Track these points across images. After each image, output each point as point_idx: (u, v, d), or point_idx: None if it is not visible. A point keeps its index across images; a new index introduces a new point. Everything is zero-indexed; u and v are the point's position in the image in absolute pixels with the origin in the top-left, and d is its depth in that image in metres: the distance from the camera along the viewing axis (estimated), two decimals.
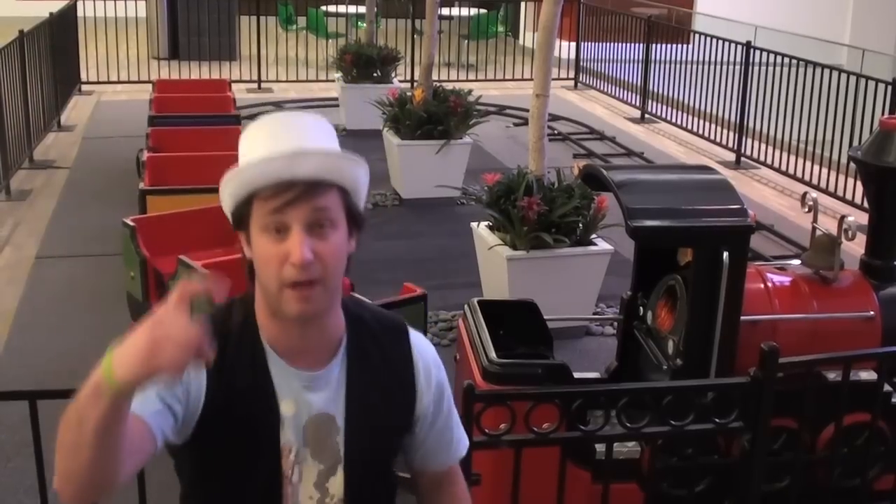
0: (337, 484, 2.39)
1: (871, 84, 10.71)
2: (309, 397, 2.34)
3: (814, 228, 5.64)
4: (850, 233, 5.36)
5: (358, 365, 2.40)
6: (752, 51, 12.83)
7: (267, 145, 2.24)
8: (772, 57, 12.65)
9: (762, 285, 5.43)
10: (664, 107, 15.36)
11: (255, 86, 16.83)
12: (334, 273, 2.25)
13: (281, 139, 2.25)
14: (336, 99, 14.83)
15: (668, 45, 15.33)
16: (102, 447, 1.98)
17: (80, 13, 16.39)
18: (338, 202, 2.25)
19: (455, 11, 19.89)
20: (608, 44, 17.46)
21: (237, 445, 2.33)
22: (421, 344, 2.53)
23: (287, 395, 2.33)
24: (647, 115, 15.61)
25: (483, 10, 20.07)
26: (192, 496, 2.48)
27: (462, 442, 2.63)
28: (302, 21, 19.12)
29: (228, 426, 2.30)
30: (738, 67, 13.04)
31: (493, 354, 4.97)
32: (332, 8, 19.55)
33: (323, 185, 2.22)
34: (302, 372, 2.34)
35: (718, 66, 13.50)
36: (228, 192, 2.29)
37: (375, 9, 15.27)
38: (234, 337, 2.35)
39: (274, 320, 2.31)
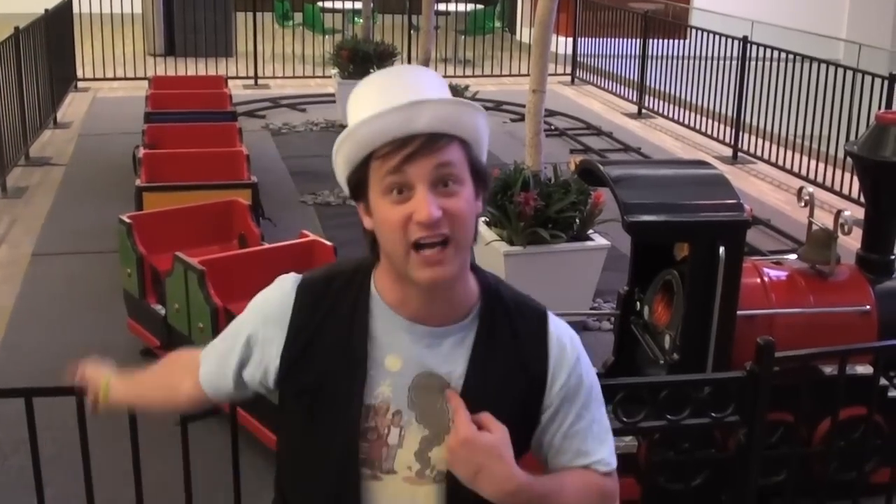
0: (440, 455, 2.20)
1: (868, 79, 10.71)
2: (422, 354, 2.21)
3: (810, 223, 5.64)
4: (846, 227, 5.37)
5: (487, 334, 2.23)
6: (748, 46, 12.82)
7: (379, 100, 2.11)
8: (768, 52, 12.65)
9: (758, 280, 5.43)
10: (661, 102, 15.35)
11: (251, 82, 16.83)
12: (465, 232, 2.11)
13: (393, 93, 2.11)
14: (333, 95, 14.83)
15: (665, 41, 15.32)
16: None
17: (75, 9, 16.39)
18: (461, 156, 2.12)
19: (452, 7, 19.88)
20: (605, 39, 17.45)
21: (317, 398, 2.24)
22: (562, 333, 2.32)
23: (394, 349, 2.21)
24: (643, 111, 15.61)
25: (480, 6, 20.09)
26: (284, 446, 2.45)
27: (595, 454, 2.32)
28: (298, 17, 19.11)
29: (309, 375, 2.24)
30: (734, 62, 13.03)
31: None
32: (328, 4, 19.53)
33: (444, 138, 2.09)
34: (419, 326, 2.21)
35: (715, 62, 13.50)
36: (342, 156, 2.17)
37: (372, 4, 15.27)
38: (337, 287, 2.27)
39: (398, 285, 2.19)
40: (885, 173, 5.53)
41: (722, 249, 4.85)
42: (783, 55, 12.39)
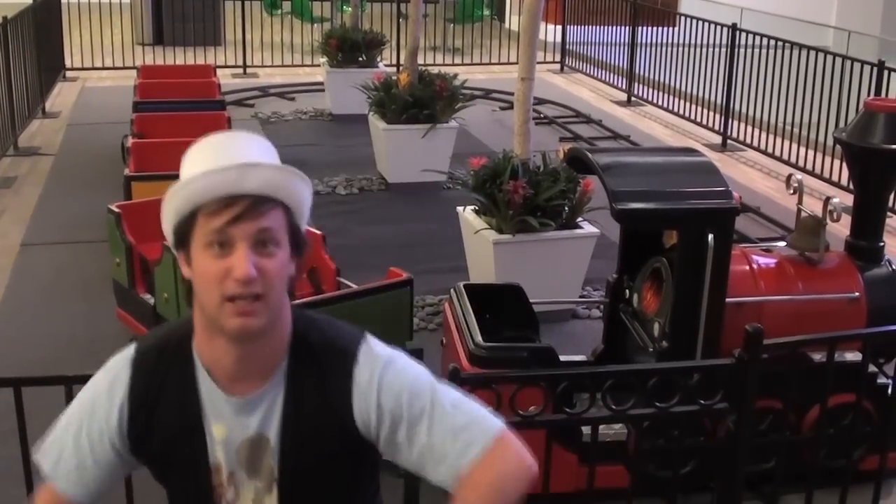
0: (273, 502, 2.39)
1: (857, 66, 10.71)
2: (242, 420, 2.33)
3: (799, 210, 5.66)
4: (835, 214, 5.38)
5: (294, 387, 2.33)
6: (737, 33, 12.82)
7: (211, 160, 2.22)
8: (758, 39, 12.65)
9: (747, 267, 5.44)
10: (650, 90, 15.35)
11: (240, 71, 16.80)
12: (276, 290, 2.22)
13: (225, 154, 2.23)
14: (321, 83, 14.81)
15: (655, 28, 15.31)
16: None
17: None
18: (282, 221, 2.23)
19: None
20: (594, 27, 17.45)
21: (166, 465, 2.40)
22: (367, 357, 2.35)
23: (218, 419, 2.34)
24: (633, 98, 15.61)
25: None
26: None
27: (474, 443, 2.30)
28: (287, 5, 19.09)
29: (155, 442, 2.36)
30: (724, 50, 13.03)
31: (479, 338, 4.97)
32: None
33: (268, 203, 2.20)
34: (234, 398, 2.32)
35: (704, 49, 13.50)
36: (172, 208, 2.25)
37: None
38: (168, 356, 2.37)
39: (213, 342, 2.29)
40: (874, 160, 5.54)
41: (711, 237, 4.86)
42: (772, 42, 12.39)
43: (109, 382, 2.39)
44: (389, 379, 2.33)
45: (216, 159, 2.21)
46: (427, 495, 3.61)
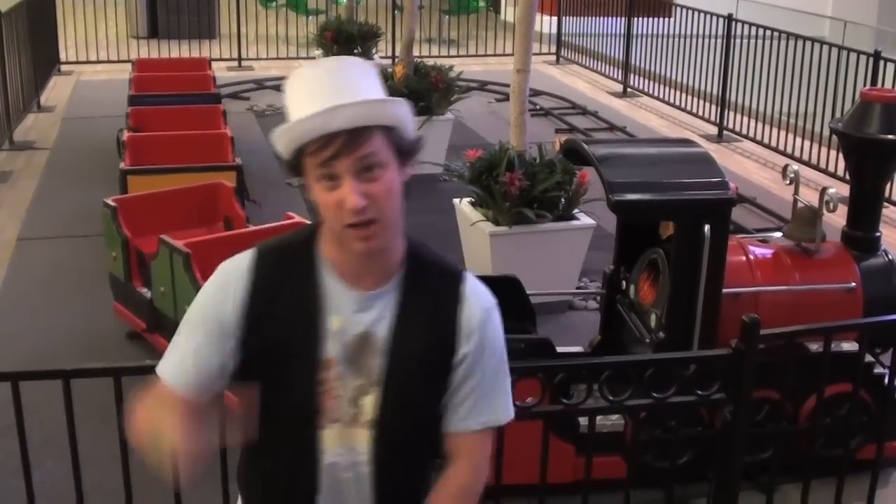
0: (369, 403, 2.46)
1: (853, 56, 10.71)
2: (358, 316, 2.44)
3: (795, 200, 5.66)
4: (831, 204, 5.38)
5: (409, 295, 2.48)
6: (733, 23, 12.81)
7: (307, 100, 2.33)
8: (753, 29, 12.65)
9: (744, 258, 5.45)
10: (646, 81, 15.34)
11: (235, 64, 16.78)
12: (390, 209, 2.36)
13: (319, 93, 2.33)
14: None
15: (650, 19, 15.31)
16: None
17: None
18: (383, 142, 2.34)
19: None
20: (590, 18, 17.43)
21: (276, 355, 2.45)
22: (475, 295, 2.55)
23: (337, 312, 2.44)
24: (629, 90, 15.60)
25: None
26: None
27: (490, 417, 2.57)
28: None
29: (270, 333, 2.44)
30: (719, 40, 13.02)
31: None
32: None
33: (364, 132, 2.31)
34: (354, 292, 2.44)
35: (700, 40, 13.49)
36: (281, 147, 2.38)
37: None
38: (290, 254, 2.50)
39: (338, 248, 2.42)
40: (870, 150, 5.54)
41: (707, 228, 4.86)
42: (768, 33, 12.39)
43: (228, 275, 2.49)
44: (494, 327, 2.56)
45: (310, 99, 2.32)
46: None
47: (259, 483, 2.61)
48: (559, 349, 5.17)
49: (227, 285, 2.46)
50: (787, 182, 5.75)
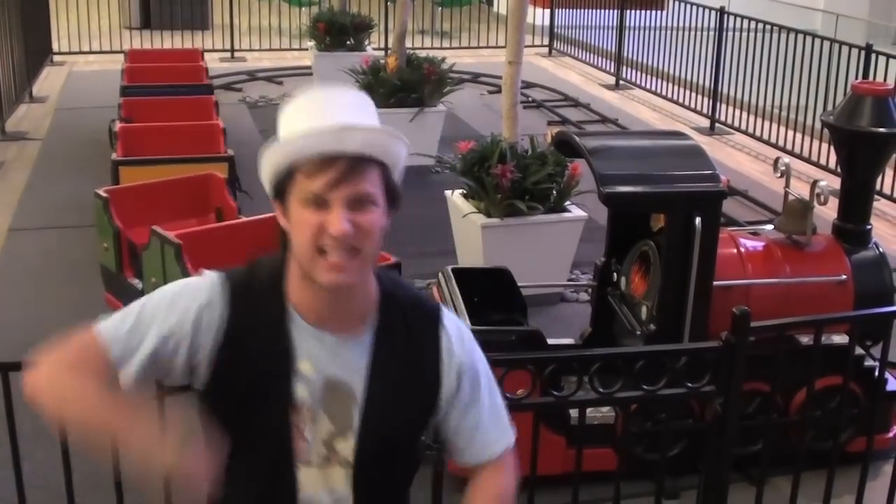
0: (346, 447, 2.40)
1: (845, 49, 10.72)
2: (328, 361, 2.37)
3: (786, 193, 5.67)
4: (822, 197, 5.39)
5: (385, 341, 2.41)
6: (726, 16, 12.82)
7: (310, 120, 2.25)
8: (746, 22, 12.65)
9: (735, 250, 5.46)
10: (639, 73, 15.35)
11: (227, 55, 16.75)
12: (371, 246, 2.27)
13: (325, 114, 2.26)
14: (309, 67, 14.79)
15: (643, 12, 15.32)
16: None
17: None
18: (378, 180, 2.28)
19: None
20: (582, 10, 17.44)
21: (250, 395, 2.37)
22: (454, 329, 2.51)
23: (305, 356, 2.36)
24: (621, 82, 15.60)
25: None
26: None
27: (497, 443, 2.56)
28: None
29: (241, 375, 2.35)
30: (712, 33, 13.03)
31: (467, 321, 4.97)
32: None
33: (365, 162, 2.25)
34: (325, 335, 2.36)
35: (693, 32, 13.49)
36: (271, 164, 2.29)
37: None
38: (258, 291, 2.39)
39: (304, 284, 2.33)
40: (861, 143, 5.56)
41: (698, 220, 4.87)
42: (760, 26, 12.39)
43: (201, 291, 2.38)
44: (477, 353, 2.54)
45: (315, 118, 2.24)
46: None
47: None
48: (550, 341, 5.17)
49: (210, 306, 2.35)
50: (779, 175, 5.75)
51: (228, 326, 2.35)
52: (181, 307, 2.36)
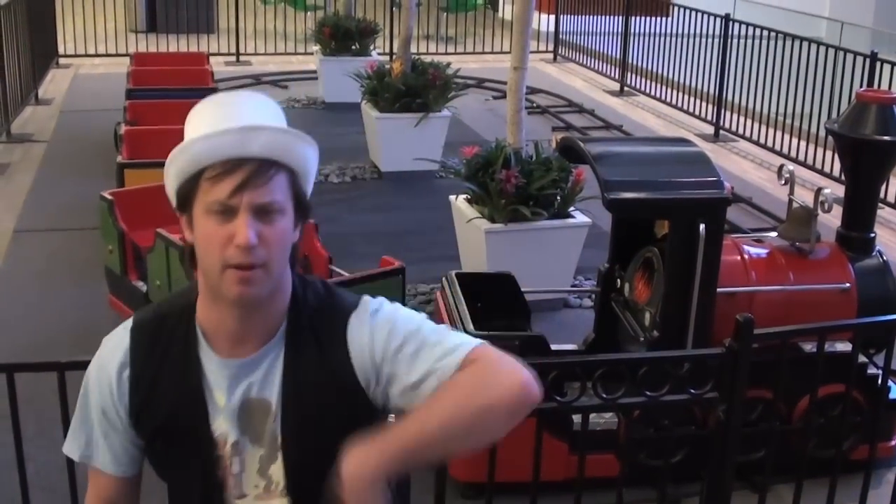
0: (278, 470, 2.33)
1: (850, 57, 10.72)
2: (241, 385, 2.30)
3: (790, 201, 5.67)
4: (826, 205, 5.39)
5: (292, 348, 2.31)
6: (730, 23, 12.82)
7: (215, 122, 2.19)
8: (751, 30, 12.66)
9: (739, 257, 5.45)
10: (643, 80, 15.35)
11: (233, 59, 16.77)
12: (278, 258, 2.20)
13: (230, 116, 2.20)
14: (314, 72, 14.79)
15: (648, 18, 15.31)
16: None
17: None
18: (286, 187, 2.21)
19: None
20: (587, 16, 17.44)
21: (168, 440, 2.34)
22: (355, 322, 2.33)
23: (219, 386, 2.31)
24: (626, 88, 15.60)
25: None
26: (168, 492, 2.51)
27: (454, 355, 2.24)
28: None
29: (158, 422, 2.33)
30: (717, 40, 13.03)
31: (470, 327, 4.98)
32: None
33: (273, 166, 2.18)
34: (232, 361, 2.30)
35: (697, 39, 13.50)
36: (174, 170, 2.22)
37: None
38: (168, 329, 2.35)
39: (214, 305, 2.28)
40: (865, 151, 5.55)
41: (702, 227, 4.87)
42: (765, 33, 12.40)
43: (110, 353, 2.37)
44: (379, 321, 2.32)
45: (220, 121, 2.19)
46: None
47: None
48: (553, 347, 5.17)
49: (107, 380, 2.34)
50: (783, 182, 5.76)
51: (137, 378, 2.32)
52: (103, 380, 2.37)
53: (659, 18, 14.97)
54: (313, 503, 2.25)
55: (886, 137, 5.46)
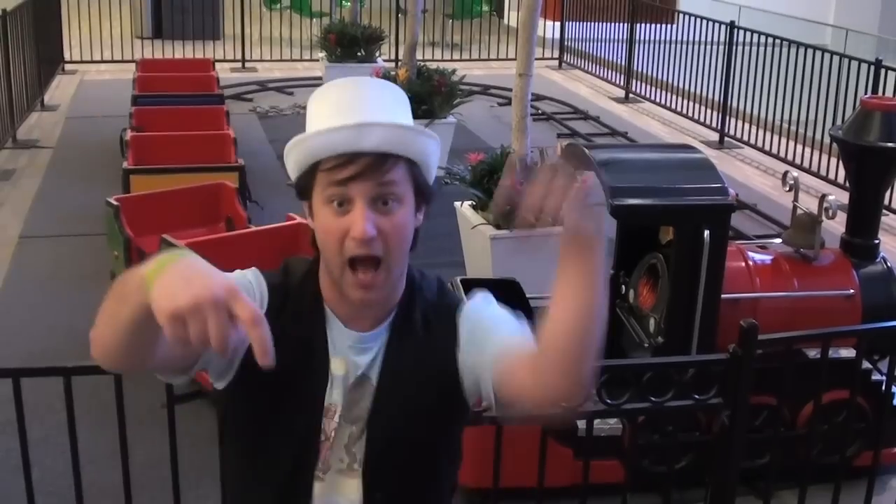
0: (360, 449, 2.30)
1: (854, 64, 10.73)
2: (356, 359, 2.29)
3: (795, 207, 5.68)
4: (830, 211, 5.40)
5: (400, 332, 2.30)
6: (735, 31, 12.83)
7: (333, 113, 2.17)
8: (755, 37, 12.66)
9: (743, 264, 5.46)
10: (648, 87, 15.35)
11: (239, 65, 16.77)
12: (397, 251, 2.19)
13: (349, 108, 2.17)
14: (320, 78, 14.77)
15: (653, 25, 15.33)
16: (130, 338, 1.93)
17: None
18: (405, 176, 2.18)
19: None
20: (593, 23, 17.45)
21: (279, 397, 2.27)
22: (464, 316, 2.35)
23: (338, 354, 2.28)
24: (631, 95, 15.61)
25: None
26: (232, 449, 2.46)
27: (522, 331, 2.36)
28: (286, 0, 19.06)
29: (272, 375, 2.08)
30: (722, 47, 13.04)
31: None
32: None
33: (389, 159, 2.14)
34: (353, 332, 2.28)
35: (702, 46, 13.51)
36: (292, 161, 2.22)
37: None
38: (295, 290, 2.31)
39: (335, 287, 2.25)
40: (870, 158, 5.57)
41: (707, 233, 4.88)
42: (770, 40, 12.41)
43: (255, 276, 2.30)
44: (475, 307, 2.38)
45: (339, 112, 2.16)
46: None
47: None
48: None
49: (259, 287, 2.27)
50: (787, 189, 5.77)
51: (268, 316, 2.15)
52: (242, 284, 2.21)
53: (664, 25, 14.99)
54: (384, 487, 2.29)
55: (890, 144, 5.47)
